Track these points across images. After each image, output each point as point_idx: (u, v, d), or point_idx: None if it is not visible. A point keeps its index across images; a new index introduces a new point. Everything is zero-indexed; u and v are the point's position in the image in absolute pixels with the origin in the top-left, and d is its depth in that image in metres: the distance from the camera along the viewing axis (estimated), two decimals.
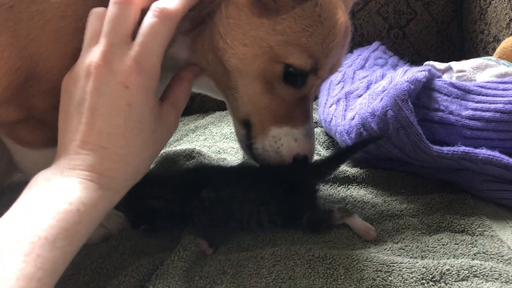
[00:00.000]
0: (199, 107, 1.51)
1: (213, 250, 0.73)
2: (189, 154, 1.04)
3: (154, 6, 0.62)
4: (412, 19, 1.52)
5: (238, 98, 0.73)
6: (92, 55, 0.60)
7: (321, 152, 1.04)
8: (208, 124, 1.32)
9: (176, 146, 1.17)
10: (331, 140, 1.10)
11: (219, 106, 1.47)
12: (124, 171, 0.60)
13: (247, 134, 0.76)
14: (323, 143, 1.09)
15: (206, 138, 1.18)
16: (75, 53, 0.63)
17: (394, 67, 1.25)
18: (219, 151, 1.09)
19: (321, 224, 0.76)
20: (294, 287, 0.64)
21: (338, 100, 1.07)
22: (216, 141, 1.15)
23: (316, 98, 1.16)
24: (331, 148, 1.08)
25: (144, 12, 0.63)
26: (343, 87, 1.12)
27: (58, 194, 0.54)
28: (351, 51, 1.38)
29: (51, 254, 0.50)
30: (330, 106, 1.08)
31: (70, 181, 0.56)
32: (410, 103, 0.85)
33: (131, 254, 0.74)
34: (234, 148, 1.09)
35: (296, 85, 0.72)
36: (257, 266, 0.68)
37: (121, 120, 0.59)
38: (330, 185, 0.92)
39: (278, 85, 0.71)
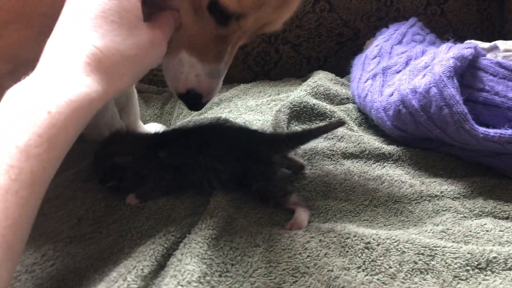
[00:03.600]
0: (224, 78, 1.47)
1: (139, 201, 0.74)
2: (223, 123, 1.01)
3: None
4: None
5: None
6: None
7: (354, 128, 0.99)
8: (233, 97, 1.28)
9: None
10: (364, 116, 1.05)
11: (244, 78, 1.43)
12: (103, 66, 0.53)
13: None
14: (355, 119, 1.04)
15: (231, 111, 1.14)
16: None
17: (432, 44, 1.19)
18: (244, 123, 1.05)
19: (270, 199, 0.74)
20: (330, 265, 0.60)
21: (375, 75, 1.02)
22: (242, 113, 1.11)
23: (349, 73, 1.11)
24: (364, 125, 1.03)
25: None
26: (379, 62, 1.07)
27: (29, 98, 0.47)
28: (386, 25, 1.32)
29: (27, 164, 0.44)
30: (366, 81, 1.04)
31: (41, 82, 0.49)
32: (456, 81, 0.81)
33: (157, 219, 0.71)
34: (260, 120, 1.05)
35: (218, 21, 0.69)
36: (290, 241, 0.65)
37: (100, 8, 0.55)
38: (364, 162, 0.88)
39: (203, 14, 0.68)
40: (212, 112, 1.17)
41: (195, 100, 0.75)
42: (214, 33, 0.70)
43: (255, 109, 1.13)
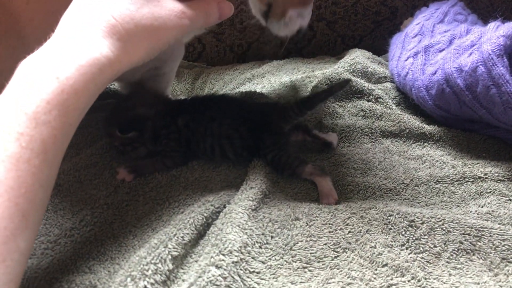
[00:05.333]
0: (255, 54, 1.45)
1: (133, 176, 0.73)
2: (251, 97, 1.00)
3: None
4: None
5: None
6: None
7: (392, 107, 0.97)
8: (265, 73, 1.25)
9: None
10: (402, 95, 1.02)
11: (275, 54, 1.41)
12: (114, 32, 0.51)
13: (266, 12, 0.80)
14: (393, 98, 1.02)
15: (264, 87, 1.12)
16: None
17: (474, 24, 1.15)
18: (278, 99, 1.04)
19: (285, 169, 0.74)
20: (372, 241, 0.59)
21: (416, 54, 0.99)
22: (275, 89, 1.09)
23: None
24: (402, 105, 1.00)
25: None
26: (420, 40, 1.04)
27: (39, 66, 0.47)
28: (425, 5, 1.28)
29: (36, 131, 0.43)
30: (406, 60, 1.00)
31: (52, 49, 0.48)
32: (505, 59, 0.77)
33: (194, 189, 0.71)
34: (293, 97, 1.03)
35: None
36: (331, 216, 0.63)
37: None
38: (404, 141, 0.86)
39: None
40: (245, 88, 1.15)
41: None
42: None
43: (289, 85, 1.11)
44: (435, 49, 0.97)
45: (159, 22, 0.55)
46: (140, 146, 0.76)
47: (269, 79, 1.18)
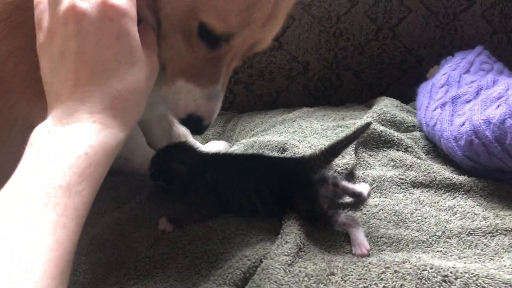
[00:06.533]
0: (284, 103, 1.49)
1: (173, 227, 0.77)
2: (282, 147, 1.02)
3: None
4: None
5: (162, 44, 0.72)
6: (62, 4, 0.57)
7: (422, 156, 0.99)
8: (296, 118, 1.28)
9: (263, 136, 1.15)
10: (431, 145, 1.04)
11: (303, 103, 1.44)
12: (124, 106, 0.58)
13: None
14: (423, 147, 1.04)
15: (295, 131, 1.15)
16: None
17: (500, 73, 1.17)
18: (310, 146, 1.06)
19: (318, 219, 0.76)
20: None
21: (444, 104, 1.02)
22: (306, 136, 1.11)
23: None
24: (431, 154, 1.02)
25: None
26: (447, 91, 1.06)
27: (63, 143, 0.52)
28: (451, 53, 1.31)
29: (70, 200, 0.49)
30: (434, 110, 1.03)
31: (72, 128, 0.54)
32: None
33: (231, 243, 0.73)
34: (325, 146, 1.06)
35: (210, 45, 0.71)
36: (365, 271, 0.65)
37: (112, 54, 0.57)
38: (434, 192, 0.87)
39: (194, 40, 0.71)
40: (276, 130, 1.19)
41: (197, 123, 0.77)
42: (207, 56, 0.73)
43: (320, 132, 1.13)
44: (463, 100, 0.99)
45: (149, 80, 0.63)
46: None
47: (300, 124, 1.20)
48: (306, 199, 0.77)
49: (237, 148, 1.09)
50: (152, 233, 0.76)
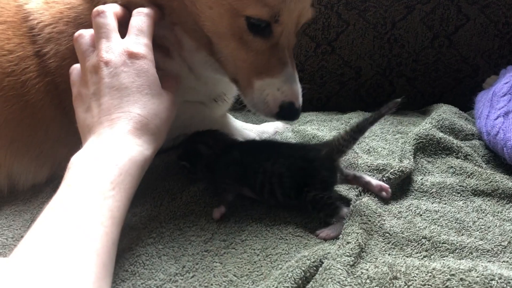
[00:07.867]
0: (334, 107, 1.47)
1: (225, 209, 0.79)
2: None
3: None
4: None
5: (223, 60, 0.80)
6: (93, 57, 0.73)
7: (482, 165, 0.95)
8: (352, 118, 1.27)
9: (317, 131, 1.15)
10: (491, 154, 1.01)
11: (354, 108, 1.42)
12: (147, 128, 0.69)
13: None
14: (483, 156, 1.00)
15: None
16: None
17: None
18: (368, 149, 1.05)
19: (322, 209, 0.76)
20: None
21: (506, 113, 0.98)
22: (365, 137, 1.09)
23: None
24: (492, 163, 0.99)
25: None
26: (510, 100, 1.03)
27: (97, 159, 0.63)
28: (508, 63, 1.27)
29: (104, 202, 0.59)
30: (496, 119, 1.00)
31: (104, 147, 0.65)
32: None
33: (289, 243, 0.73)
34: (385, 149, 1.04)
35: (264, 35, 0.75)
36: (429, 277, 0.62)
37: (135, 87, 0.70)
38: (497, 201, 0.83)
39: (248, 37, 0.75)
40: (333, 126, 1.20)
41: (290, 109, 0.80)
42: (265, 47, 0.77)
43: (379, 135, 1.12)
44: None
45: (170, 111, 0.74)
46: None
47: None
48: (321, 187, 0.76)
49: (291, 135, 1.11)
50: (209, 227, 0.77)
